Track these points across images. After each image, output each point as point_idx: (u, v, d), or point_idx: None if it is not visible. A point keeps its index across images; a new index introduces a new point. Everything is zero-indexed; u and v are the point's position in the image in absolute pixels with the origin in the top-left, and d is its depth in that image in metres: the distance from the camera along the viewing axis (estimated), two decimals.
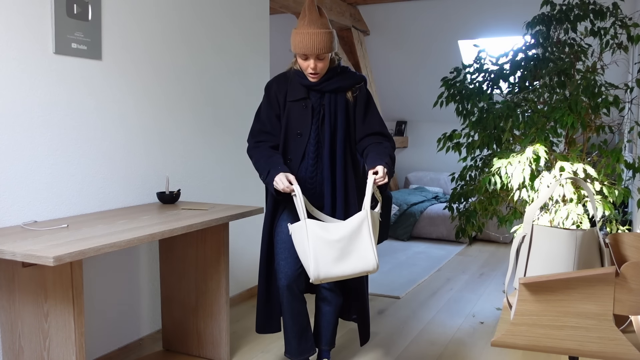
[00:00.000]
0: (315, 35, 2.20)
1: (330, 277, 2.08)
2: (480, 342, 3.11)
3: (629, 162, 3.08)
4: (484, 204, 3.45)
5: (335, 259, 2.07)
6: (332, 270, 2.07)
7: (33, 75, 2.36)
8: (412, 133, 7.64)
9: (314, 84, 2.34)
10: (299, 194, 2.17)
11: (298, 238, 2.14)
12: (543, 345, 1.57)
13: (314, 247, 2.06)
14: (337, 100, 2.36)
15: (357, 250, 2.10)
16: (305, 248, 2.09)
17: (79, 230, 2.14)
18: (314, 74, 2.29)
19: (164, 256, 2.88)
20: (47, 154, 2.44)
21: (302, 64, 2.29)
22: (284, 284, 2.40)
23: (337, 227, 2.11)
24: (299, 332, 2.48)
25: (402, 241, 5.96)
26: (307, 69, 2.28)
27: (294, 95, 2.36)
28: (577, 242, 1.76)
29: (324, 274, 2.07)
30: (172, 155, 3.12)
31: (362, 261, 2.09)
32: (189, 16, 3.19)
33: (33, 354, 2.09)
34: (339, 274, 2.08)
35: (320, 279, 2.07)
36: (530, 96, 3.37)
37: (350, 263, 2.09)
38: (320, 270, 2.06)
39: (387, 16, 6.21)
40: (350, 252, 2.09)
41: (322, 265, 2.06)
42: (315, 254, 2.06)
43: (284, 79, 2.42)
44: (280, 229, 2.42)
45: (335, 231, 2.10)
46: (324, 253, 2.06)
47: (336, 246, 2.07)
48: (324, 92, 2.36)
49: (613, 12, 3.32)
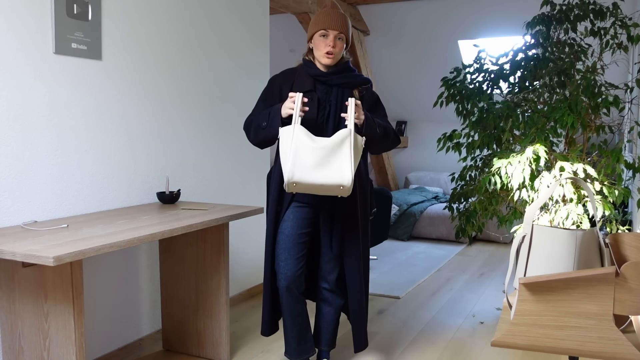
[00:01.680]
0: (338, 14, 2.34)
1: (304, 182, 2.11)
2: (480, 342, 3.11)
3: (629, 162, 3.08)
4: (484, 204, 3.45)
5: (312, 165, 2.11)
6: (307, 176, 2.10)
7: (33, 75, 2.36)
8: (412, 133, 7.64)
9: (323, 74, 2.37)
10: (298, 99, 2.19)
11: (283, 140, 2.16)
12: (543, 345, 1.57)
13: (296, 149, 2.11)
14: (344, 96, 2.39)
15: (335, 162, 2.13)
16: (287, 149, 2.12)
17: (79, 230, 2.14)
18: (329, 53, 2.33)
19: (164, 256, 2.88)
20: (47, 154, 2.44)
21: (320, 44, 2.34)
22: (283, 284, 2.40)
23: (322, 139, 2.16)
24: (299, 332, 2.48)
25: (402, 241, 5.96)
26: (325, 48, 2.32)
27: (301, 87, 2.38)
28: (577, 242, 1.76)
29: (298, 177, 2.10)
30: (172, 155, 3.12)
31: (338, 174, 2.12)
32: (189, 16, 3.19)
33: (33, 354, 2.09)
34: (313, 181, 2.11)
35: (294, 180, 2.10)
36: (530, 96, 3.37)
37: (326, 173, 2.12)
38: (295, 172, 2.09)
39: (387, 16, 6.21)
40: (328, 163, 2.12)
41: (299, 167, 2.10)
42: (295, 155, 2.10)
43: (290, 73, 2.46)
44: (281, 229, 2.42)
45: (320, 141, 2.14)
46: (303, 157, 2.11)
47: (317, 153, 2.11)
48: (331, 85, 2.38)
49: (613, 12, 3.32)
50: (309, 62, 2.41)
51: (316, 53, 2.36)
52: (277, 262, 2.42)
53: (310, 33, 2.37)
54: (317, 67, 2.39)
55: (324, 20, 2.31)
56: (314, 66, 2.39)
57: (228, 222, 2.60)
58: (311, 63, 2.40)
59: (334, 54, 2.33)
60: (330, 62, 2.35)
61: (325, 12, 2.33)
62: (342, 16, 2.33)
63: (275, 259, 2.43)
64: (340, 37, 2.33)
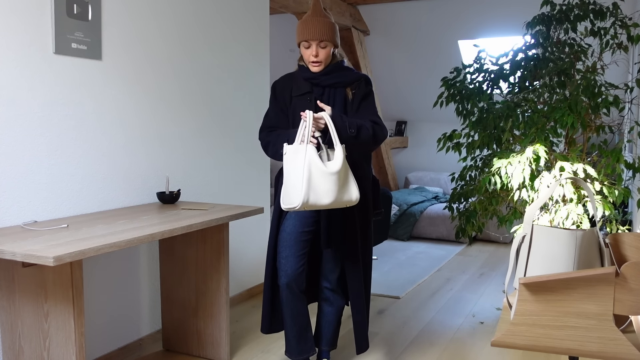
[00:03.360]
0: (317, 22, 2.32)
1: (317, 204, 2.12)
2: (480, 342, 3.11)
3: (629, 162, 3.08)
4: (484, 204, 3.45)
5: (325, 191, 2.12)
6: (321, 200, 2.12)
7: (33, 75, 2.36)
8: (412, 133, 7.64)
9: (315, 76, 2.40)
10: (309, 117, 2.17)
11: (292, 159, 2.15)
12: (543, 345, 1.57)
13: (309, 174, 2.10)
14: (336, 95, 2.41)
15: (344, 185, 2.17)
16: (299, 171, 2.12)
17: (79, 230, 2.14)
18: (315, 62, 2.35)
19: (164, 256, 2.88)
20: (47, 154, 2.44)
21: (305, 53, 2.37)
22: (284, 282, 2.40)
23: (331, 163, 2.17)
24: (299, 332, 2.48)
25: (402, 241, 5.96)
26: (310, 57, 2.35)
27: (299, 90, 2.43)
28: (577, 242, 1.76)
29: (313, 201, 2.11)
30: (172, 155, 3.12)
31: (347, 195, 2.18)
32: (189, 16, 3.19)
33: (33, 354, 2.09)
34: (326, 203, 2.13)
35: (310, 203, 2.11)
36: (530, 96, 3.37)
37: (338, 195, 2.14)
38: (310, 196, 2.10)
39: (387, 16, 6.21)
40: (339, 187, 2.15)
41: (313, 192, 2.10)
42: (309, 181, 2.10)
43: (288, 77, 2.50)
44: (283, 227, 2.43)
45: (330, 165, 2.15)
46: (316, 183, 2.11)
47: (329, 179, 2.12)
48: (323, 86, 2.41)
49: (613, 12, 3.32)
50: (302, 67, 2.45)
51: (304, 60, 2.41)
52: (278, 259, 2.43)
53: (296, 42, 2.41)
54: (309, 70, 2.42)
55: (304, 32, 2.33)
56: (306, 70, 2.42)
57: (228, 222, 2.60)
58: (304, 67, 2.44)
59: (321, 61, 2.36)
60: (317, 70, 2.38)
61: (304, 22, 2.34)
62: (321, 23, 2.31)
63: (276, 257, 2.44)
64: (323, 45, 2.34)
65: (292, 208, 2.13)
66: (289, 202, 2.13)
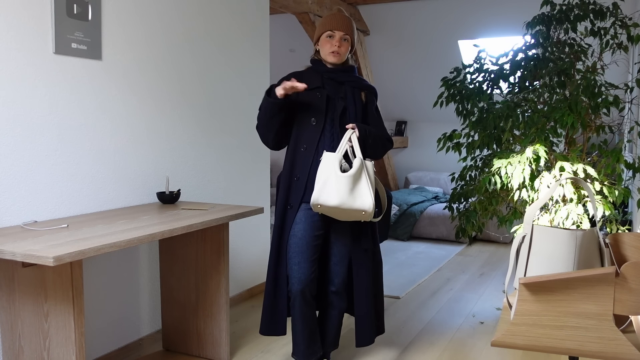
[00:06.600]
0: (344, 17, 2.46)
1: (327, 205, 2.28)
2: (480, 342, 3.11)
3: (629, 162, 3.08)
4: (484, 204, 3.45)
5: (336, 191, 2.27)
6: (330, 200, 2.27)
7: (33, 76, 2.36)
8: (412, 133, 7.64)
9: (331, 70, 2.46)
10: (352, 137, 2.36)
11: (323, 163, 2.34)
12: (543, 345, 1.57)
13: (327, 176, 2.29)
14: (354, 94, 2.50)
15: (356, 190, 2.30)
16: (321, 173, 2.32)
17: (79, 230, 2.14)
18: (336, 52, 2.42)
19: (164, 256, 2.88)
20: (47, 154, 2.44)
21: (326, 45, 2.43)
22: (297, 288, 2.37)
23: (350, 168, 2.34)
24: (309, 336, 2.47)
25: (402, 241, 5.96)
26: (331, 47, 2.42)
27: (309, 84, 2.45)
28: (577, 242, 1.76)
29: (323, 200, 2.27)
30: (172, 155, 3.12)
31: (359, 200, 2.29)
32: (189, 16, 3.19)
33: (33, 354, 2.09)
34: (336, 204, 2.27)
35: (319, 202, 2.28)
36: (530, 96, 3.37)
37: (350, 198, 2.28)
38: (321, 195, 2.27)
39: (386, 16, 6.21)
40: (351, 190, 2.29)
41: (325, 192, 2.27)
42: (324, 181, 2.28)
43: (297, 74, 2.53)
44: (293, 232, 2.40)
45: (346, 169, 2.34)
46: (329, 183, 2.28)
47: (342, 181, 2.27)
48: (340, 81, 2.47)
49: (613, 12, 3.32)
50: (317, 61, 2.51)
51: (322, 53, 2.46)
52: (289, 266, 2.40)
53: (317, 35, 2.48)
54: (325, 65, 2.48)
55: (331, 22, 2.42)
56: (322, 64, 2.49)
57: (228, 222, 2.60)
58: (319, 62, 2.50)
59: (340, 53, 2.43)
60: (335, 60, 2.44)
61: (332, 15, 2.46)
62: (348, 19, 2.45)
63: (287, 263, 2.41)
64: (345, 39, 2.44)
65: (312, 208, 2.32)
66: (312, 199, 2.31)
